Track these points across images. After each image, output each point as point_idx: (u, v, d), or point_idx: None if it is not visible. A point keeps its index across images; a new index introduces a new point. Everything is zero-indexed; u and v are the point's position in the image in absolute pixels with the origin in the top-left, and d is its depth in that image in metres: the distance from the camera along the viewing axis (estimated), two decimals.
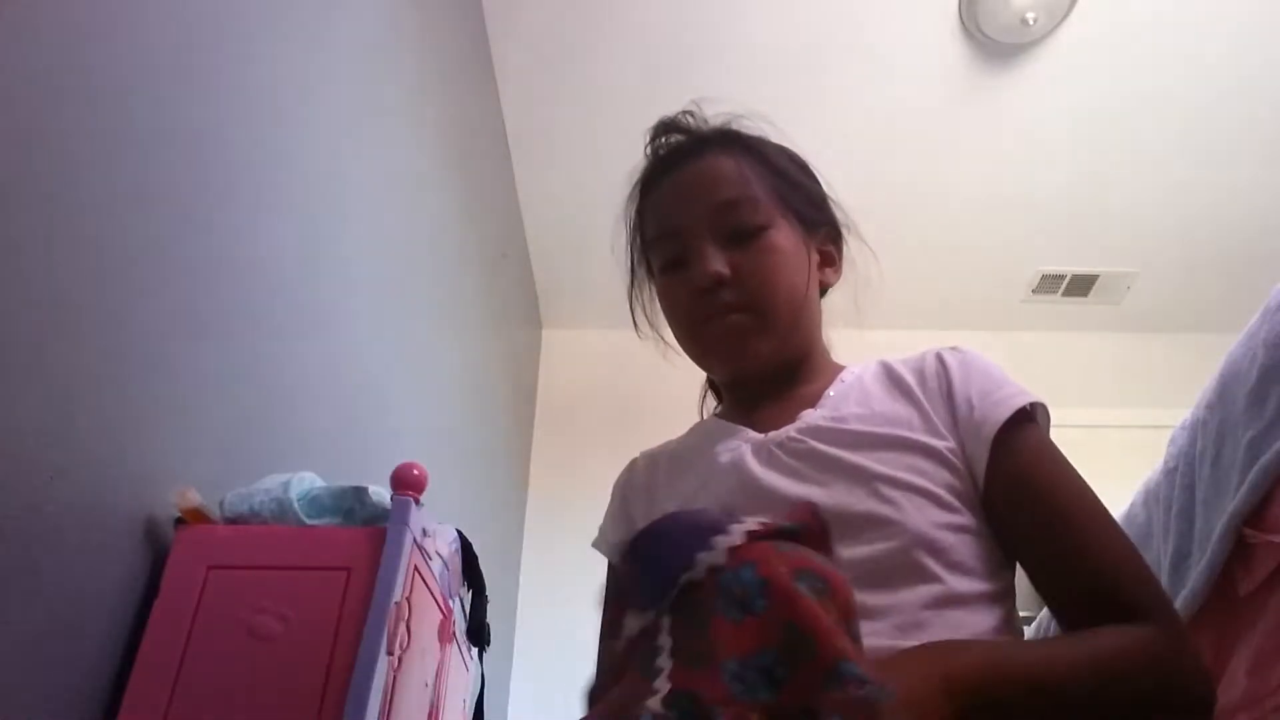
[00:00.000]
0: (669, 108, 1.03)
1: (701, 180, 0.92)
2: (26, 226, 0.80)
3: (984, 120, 2.91)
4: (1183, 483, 1.25)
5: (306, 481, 1.05)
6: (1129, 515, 1.42)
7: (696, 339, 0.93)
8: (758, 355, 0.90)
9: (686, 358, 1.02)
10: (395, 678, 0.91)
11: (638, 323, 1.05)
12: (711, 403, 1.11)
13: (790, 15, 2.63)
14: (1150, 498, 1.37)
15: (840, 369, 0.96)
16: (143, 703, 0.86)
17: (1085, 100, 2.84)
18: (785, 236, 0.91)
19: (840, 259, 1.00)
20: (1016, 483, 0.79)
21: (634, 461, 1.04)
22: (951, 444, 0.81)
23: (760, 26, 2.64)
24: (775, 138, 1.02)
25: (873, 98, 2.77)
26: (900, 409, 0.85)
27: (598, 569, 1.05)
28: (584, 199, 3.12)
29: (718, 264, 0.87)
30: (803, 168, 1.00)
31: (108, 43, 0.93)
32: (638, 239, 1.01)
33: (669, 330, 1.01)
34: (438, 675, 1.05)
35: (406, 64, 1.99)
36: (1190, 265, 3.38)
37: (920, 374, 0.88)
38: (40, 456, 0.81)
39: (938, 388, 0.86)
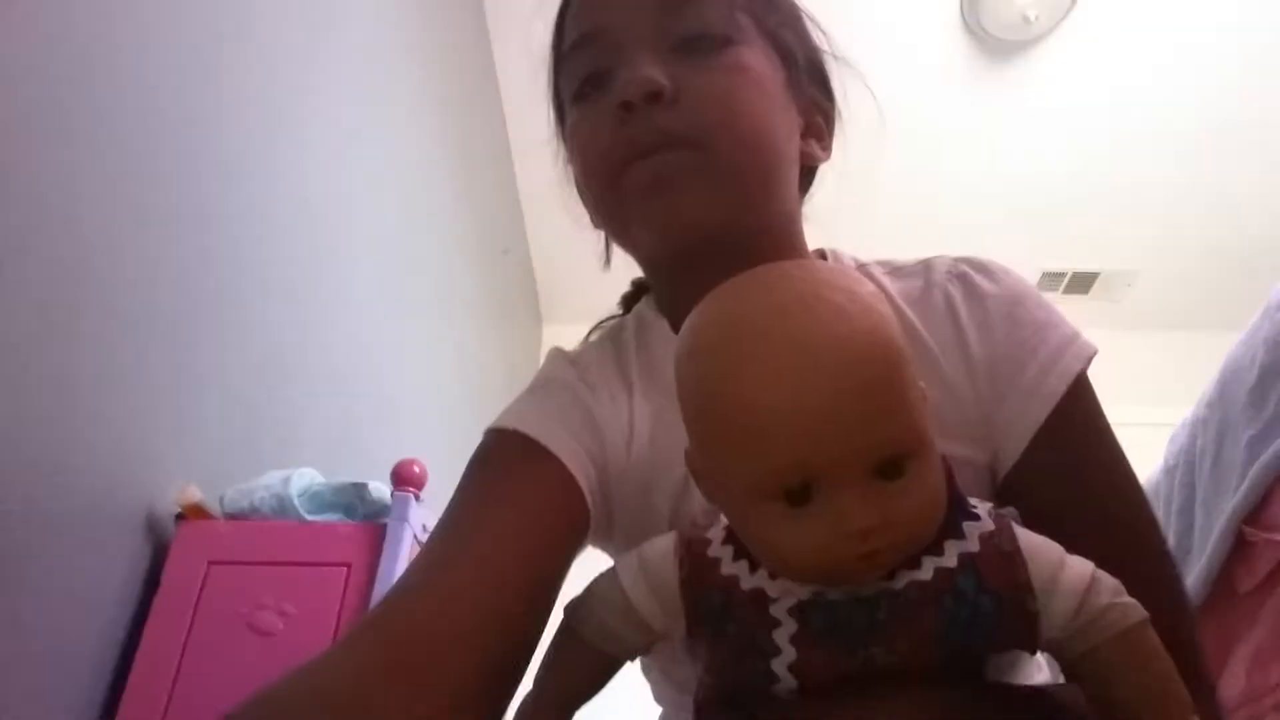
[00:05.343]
0: None
1: None
2: (26, 226, 0.80)
3: (985, 117, 2.90)
4: (1183, 481, 1.26)
5: (307, 478, 1.05)
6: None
7: (614, 190, 0.62)
8: (697, 214, 0.59)
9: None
10: None
11: (592, 217, 0.73)
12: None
13: None
14: (1150, 496, 1.37)
15: None
16: (143, 697, 0.86)
17: (1086, 97, 2.83)
18: (759, 60, 0.63)
19: (831, 138, 0.72)
20: (1060, 495, 0.58)
21: (577, 362, 0.72)
22: (978, 448, 0.60)
23: None
24: None
25: (873, 94, 2.76)
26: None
27: (597, 565, 1.02)
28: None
29: (653, 71, 0.59)
30: (798, 8, 0.72)
31: (110, 40, 0.93)
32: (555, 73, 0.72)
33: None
34: None
35: (408, 62, 1.98)
36: (1191, 263, 3.37)
37: (934, 323, 0.63)
38: (41, 452, 0.81)
39: (955, 344, 0.61)
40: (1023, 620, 0.45)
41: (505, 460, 0.63)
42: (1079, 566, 0.46)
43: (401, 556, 0.94)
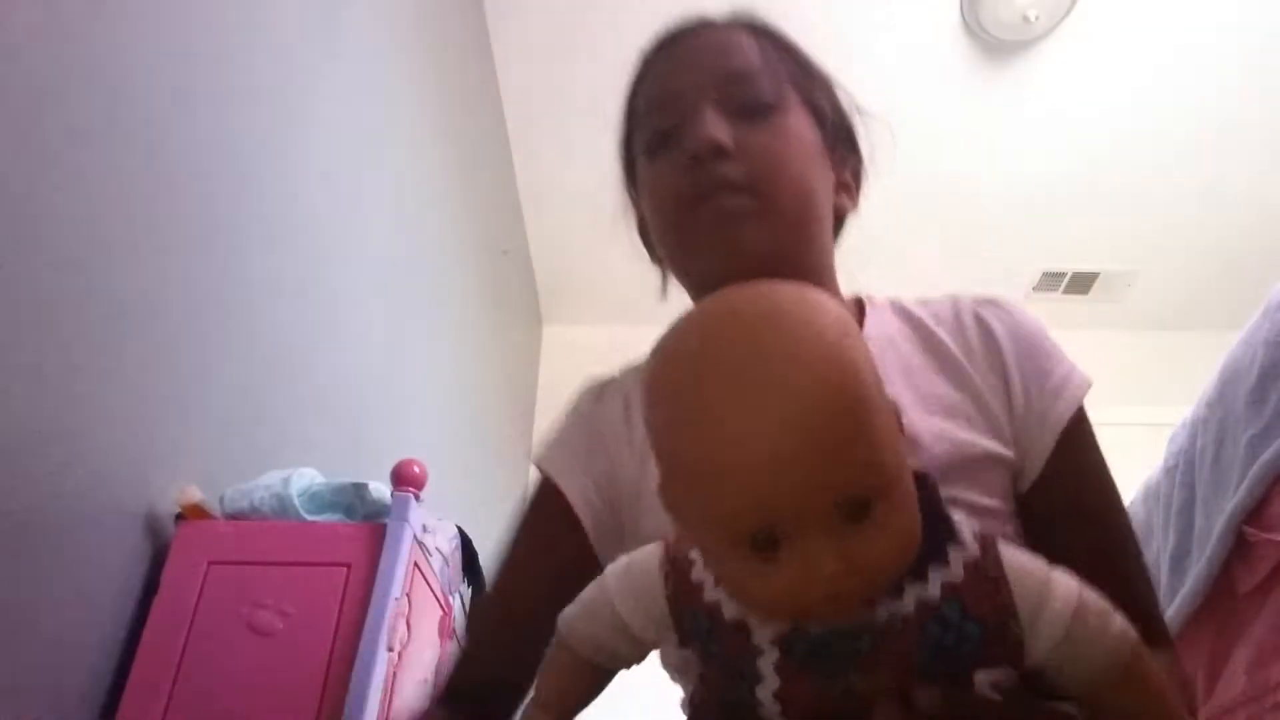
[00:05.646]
0: None
1: (710, 47, 0.77)
2: (27, 225, 0.80)
3: (985, 117, 2.90)
4: (1183, 481, 1.26)
5: (306, 478, 1.05)
6: (1129, 513, 1.42)
7: (681, 226, 0.73)
8: (754, 248, 0.70)
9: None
10: (395, 673, 0.91)
11: (650, 252, 0.85)
12: None
13: (790, 13, 2.63)
14: (1150, 496, 1.37)
15: (856, 306, 0.81)
16: (143, 697, 0.86)
17: (1086, 97, 2.84)
18: (802, 125, 0.76)
19: (859, 191, 0.84)
20: (1071, 499, 0.68)
21: (602, 391, 0.81)
22: (1009, 448, 0.68)
23: None
24: None
25: (873, 93, 2.77)
26: (953, 394, 0.70)
27: None
28: (585, 195, 3.12)
29: (719, 131, 0.71)
30: (832, 81, 0.85)
31: (115, 48, 0.93)
32: (630, 135, 0.83)
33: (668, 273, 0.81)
34: (438, 671, 1.06)
35: (409, 63, 1.98)
36: (1191, 263, 3.37)
37: (963, 339, 0.73)
38: (42, 452, 0.81)
39: (988, 364, 0.71)
40: (1008, 644, 0.45)
41: (533, 502, 0.77)
42: (1065, 591, 0.45)
43: (401, 556, 0.94)
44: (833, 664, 0.45)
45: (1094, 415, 0.72)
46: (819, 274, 0.76)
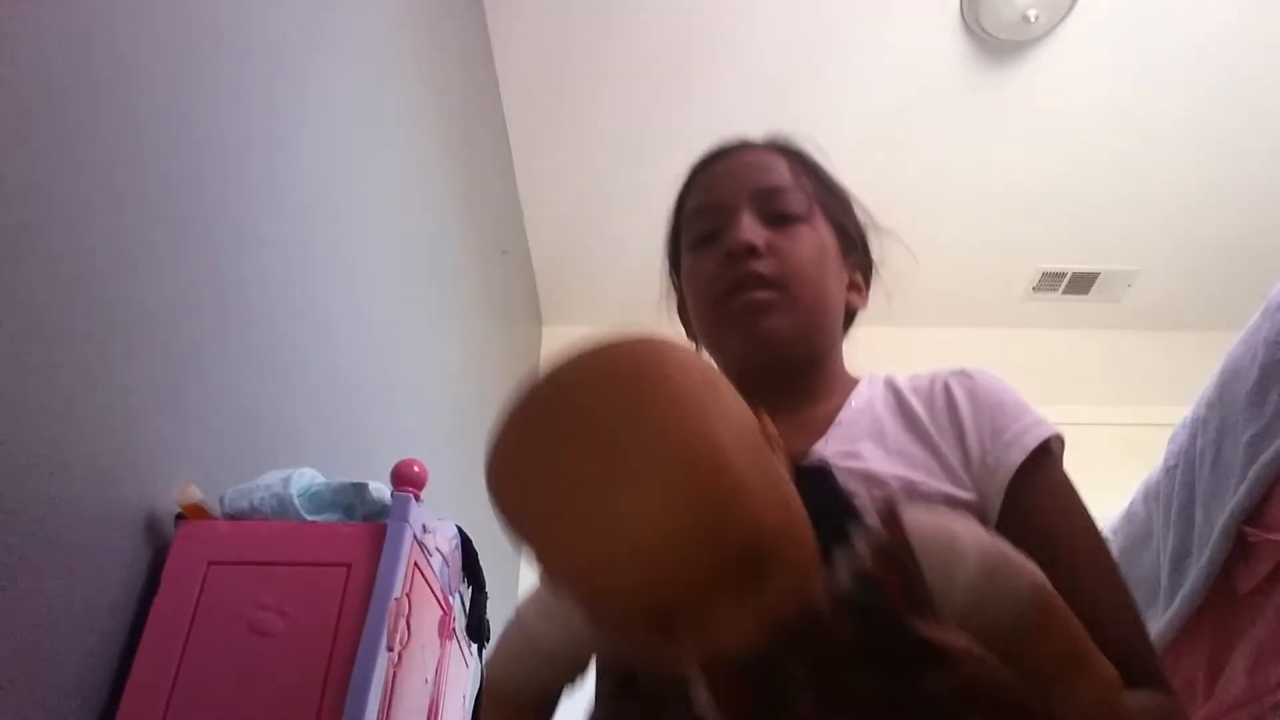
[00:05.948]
0: (669, 105, 1.01)
1: (749, 165, 0.91)
2: (28, 224, 0.80)
3: (985, 117, 2.91)
4: (1183, 481, 1.26)
5: (306, 478, 1.05)
6: (1129, 513, 1.42)
7: (717, 311, 0.87)
8: (777, 334, 0.84)
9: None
10: (395, 674, 0.91)
11: (686, 329, 0.98)
12: None
13: (791, 13, 2.63)
14: (1150, 496, 1.37)
15: (852, 384, 0.90)
16: (143, 698, 0.86)
17: (1086, 97, 2.84)
18: (823, 234, 0.90)
19: (868, 291, 0.97)
20: (1028, 542, 0.71)
21: None
22: (969, 492, 0.75)
23: (761, 25, 2.64)
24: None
25: (874, 94, 2.77)
26: (916, 450, 0.79)
27: None
28: (585, 196, 3.12)
29: (754, 234, 0.85)
30: (850, 197, 0.99)
31: (110, 43, 0.93)
32: (676, 232, 0.98)
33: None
34: (438, 671, 1.06)
35: (408, 61, 1.98)
36: (1191, 263, 3.38)
37: (930, 406, 0.82)
38: (40, 452, 0.81)
39: (949, 424, 0.80)
40: (924, 612, 0.47)
41: None
42: (972, 547, 0.47)
43: (401, 556, 0.94)
44: (764, 672, 0.46)
45: (1094, 416, 0.73)
46: (828, 357, 0.90)
